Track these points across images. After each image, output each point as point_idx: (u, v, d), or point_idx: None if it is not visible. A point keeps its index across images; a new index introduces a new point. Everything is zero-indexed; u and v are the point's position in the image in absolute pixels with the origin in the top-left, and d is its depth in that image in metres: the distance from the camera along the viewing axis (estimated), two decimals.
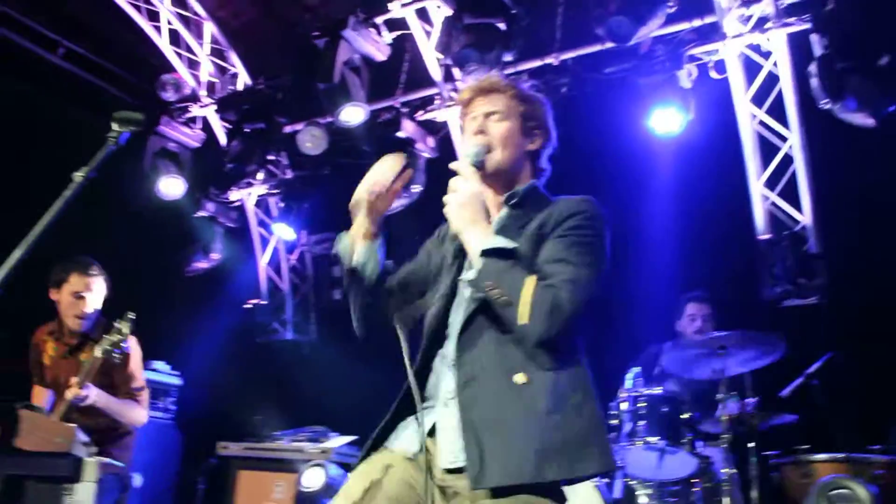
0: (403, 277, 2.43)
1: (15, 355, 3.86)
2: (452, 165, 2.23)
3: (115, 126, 2.36)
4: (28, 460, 2.30)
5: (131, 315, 4.04)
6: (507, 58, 5.89)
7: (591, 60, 6.17)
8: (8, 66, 7.28)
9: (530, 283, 2.01)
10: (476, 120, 2.33)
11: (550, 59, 6.25)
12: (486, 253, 2.06)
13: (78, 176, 2.24)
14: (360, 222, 2.31)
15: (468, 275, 2.11)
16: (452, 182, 2.17)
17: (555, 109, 6.08)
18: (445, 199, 2.16)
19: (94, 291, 4.21)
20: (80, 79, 7.79)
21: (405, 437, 2.17)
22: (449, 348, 2.18)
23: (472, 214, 2.13)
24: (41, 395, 3.93)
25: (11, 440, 2.27)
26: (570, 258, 2.11)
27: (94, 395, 3.83)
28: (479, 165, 2.26)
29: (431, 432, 2.13)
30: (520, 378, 2.04)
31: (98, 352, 3.84)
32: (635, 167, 6.17)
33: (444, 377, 2.16)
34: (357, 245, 2.31)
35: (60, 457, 2.33)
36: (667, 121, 5.62)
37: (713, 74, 5.73)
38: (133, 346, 4.30)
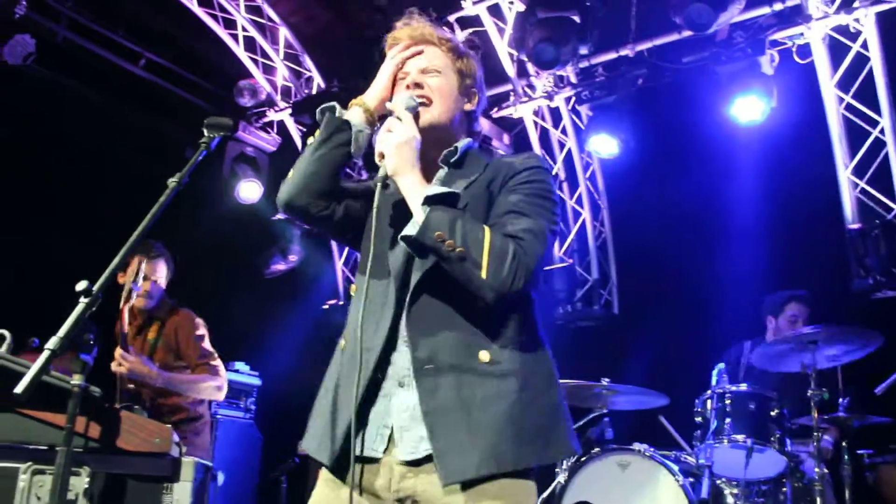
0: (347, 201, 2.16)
1: (107, 351, 3.98)
2: (388, 105, 2.05)
3: (206, 132, 2.40)
4: (129, 460, 2.35)
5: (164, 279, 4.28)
6: (583, 50, 5.83)
7: (668, 50, 6.06)
8: (93, 79, 7.53)
9: (487, 231, 1.82)
10: (411, 74, 2.13)
11: (626, 51, 6.17)
12: (432, 199, 1.83)
13: (172, 182, 2.28)
14: (377, 95, 2.14)
15: (409, 229, 1.83)
16: (388, 122, 1.96)
17: (632, 102, 6.04)
18: (378, 138, 1.94)
19: (157, 272, 4.34)
20: (161, 88, 7.99)
21: (366, 436, 1.93)
22: (399, 322, 1.93)
23: (411, 156, 1.91)
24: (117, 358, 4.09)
25: (113, 440, 2.32)
26: (526, 210, 1.92)
27: (135, 362, 3.94)
28: (415, 116, 2.03)
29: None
30: (484, 356, 1.86)
31: (121, 302, 4.03)
32: (718, 158, 6.04)
33: (397, 354, 1.94)
34: (361, 112, 2.12)
35: (160, 457, 2.37)
36: (749, 109, 5.48)
37: (797, 59, 5.57)
38: (195, 320, 4.41)
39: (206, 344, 4.41)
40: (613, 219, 7.06)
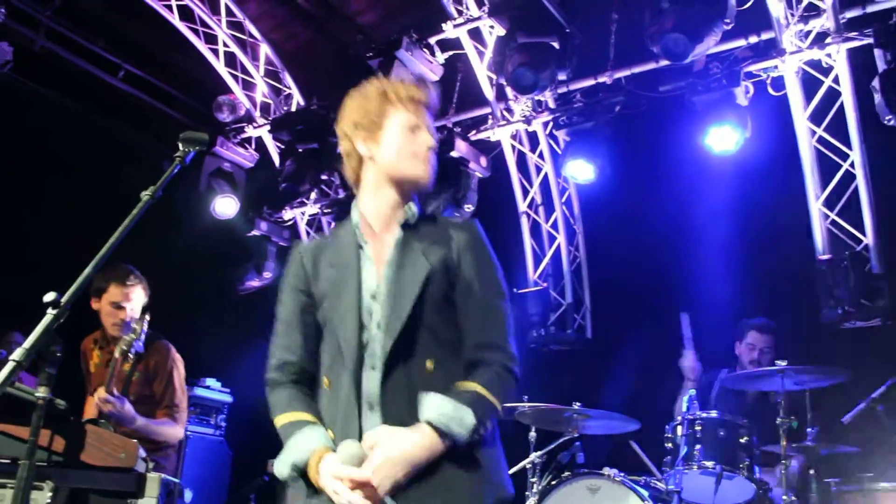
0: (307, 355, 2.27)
1: (73, 367, 3.92)
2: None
3: (181, 146, 2.39)
4: (93, 474, 2.32)
5: (146, 316, 4.05)
6: (562, 76, 5.88)
7: (646, 78, 6.15)
8: (70, 88, 7.48)
9: (490, 402, 2.05)
10: (424, 132, 2.25)
11: (604, 78, 6.24)
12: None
13: (145, 195, 2.27)
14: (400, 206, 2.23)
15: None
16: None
17: (609, 128, 6.10)
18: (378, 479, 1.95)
19: (133, 300, 4.22)
20: (140, 101, 7.96)
21: None
22: (371, 386, 2.08)
23: (411, 467, 1.98)
24: (91, 405, 4.00)
25: (77, 454, 2.29)
26: (496, 316, 2.17)
27: (117, 405, 3.81)
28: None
29: None
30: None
31: (117, 352, 3.88)
32: (692, 186, 6.10)
33: (366, 419, 2.08)
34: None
35: (124, 472, 2.34)
36: (723, 139, 5.55)
37: (771, 91, 5.67)
38: (172, 355, 4.34)
39: (180, 386, 4.32)
40: (588, 243, 7.10)
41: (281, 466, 2.09)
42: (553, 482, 4.77)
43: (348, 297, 2.14)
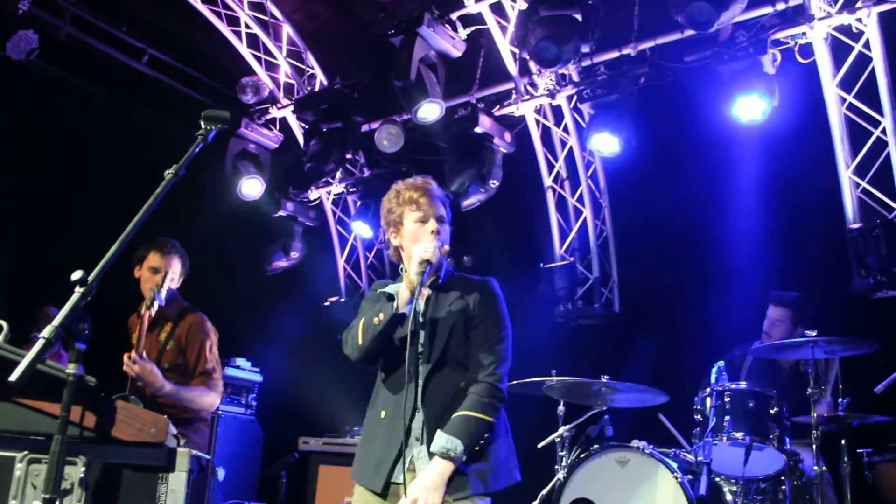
0: None
1: (109, 346, 3.98)
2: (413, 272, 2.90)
3: (203, 124, 2.41)
4: (124, 449, 2.36)
5: (178, 277, 4.33)
6: (585, 49, 5.82)
7: (671, 49, 6.05)
8: (95, 74, 7.55)
9: (482, 423, 2.80)
10: (433, 222, 2.96)
11: (628, 50, 6.16)
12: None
13: (168, 174, 2.29)
14: (416, 279, 2.85)
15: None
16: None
17: (633, 101, 6.04)
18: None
19: (170, 267, 4.33)
20: (164, 84, 8.01)
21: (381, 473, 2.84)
22: (413, 395, 2.86)
23: (436, 487, 2.73)
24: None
25: (109, 430, 2.33)
26: (501, 356, 2.92)
27: (144, 368, 3.92)
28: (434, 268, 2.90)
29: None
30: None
31: (143, 308, 4.02)
32: (719, 157, 6.04)
33: (414, 420, 2.86)
34: (405, 296, 2.89)
35: (155, 447, 2.38)
36: (750, 108, 5.47)
37: (799, 59, 5.55)
38: (206, 326, 4.40)
39: (213, 355, 4.38)
40: (615, 217, 7.05)
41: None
42: (582, 455, 4.79)
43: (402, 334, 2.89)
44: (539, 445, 4.96)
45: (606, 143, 6.12)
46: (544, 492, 4.82)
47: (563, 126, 7.04)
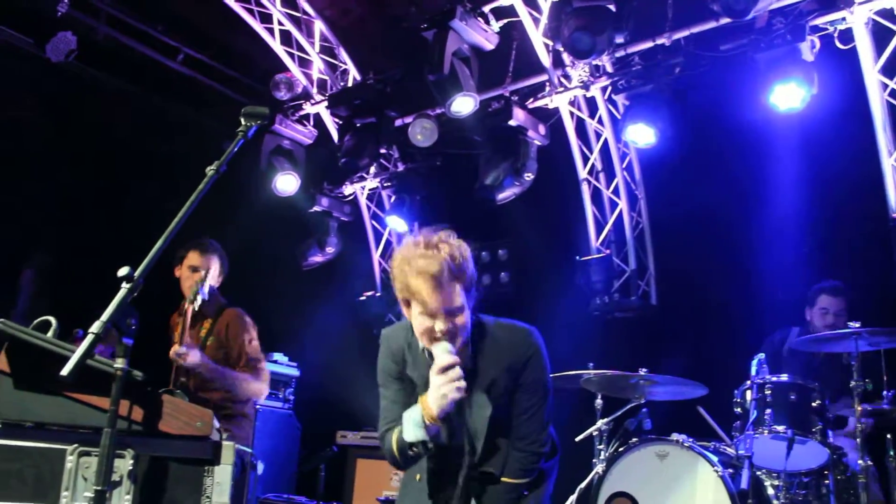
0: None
1: (150, 344, 4.05)
2: (433, 367, 2.66)
3: (243, 121, 2.43)
4: (171, 443, 2.39)
5: (218, 276, 4.41)
6: (619, 39, 5.78)
7: (706, 38, 5.98)
8: (132, 73, 7.64)
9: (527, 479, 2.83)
10: (442, 320, 2.64)
11: (663, 40, 6.11)
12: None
13: (210, 170, 2.31)
14: (437, 405, 2.63)
15: None
16: None
17: (669, 91, 5.97)
18: None
19: (210, 266, 4.39)
20: (198, 83, 8.09)
21: None
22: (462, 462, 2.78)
23: None
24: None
25: (156, 423, 2.37)
26: (543, 419, 2.87)
27: (195, 356, 4.04)
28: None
29: None
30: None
31: (186, 304, 4.11)
32: (756, 147, 5.96)
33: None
34: (430, 425, 2.68)
35: (201, 440, 2.41)
36: (789, 97, 5.39)
37: (838, 45, 5.45)
38: (245, 320, 4.46)
39: (255, 346, 4.45)
40: (651, 208, 6.99)
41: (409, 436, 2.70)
42: (621, 449, 4.77)
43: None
44: (577, 439, 4.95)
45: (642, 134, 6.07)
46: (583, 485, 4.81)
47: (597, 118, 6.99)
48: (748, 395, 4.57)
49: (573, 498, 4.87)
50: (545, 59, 6.68)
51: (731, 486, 4.30)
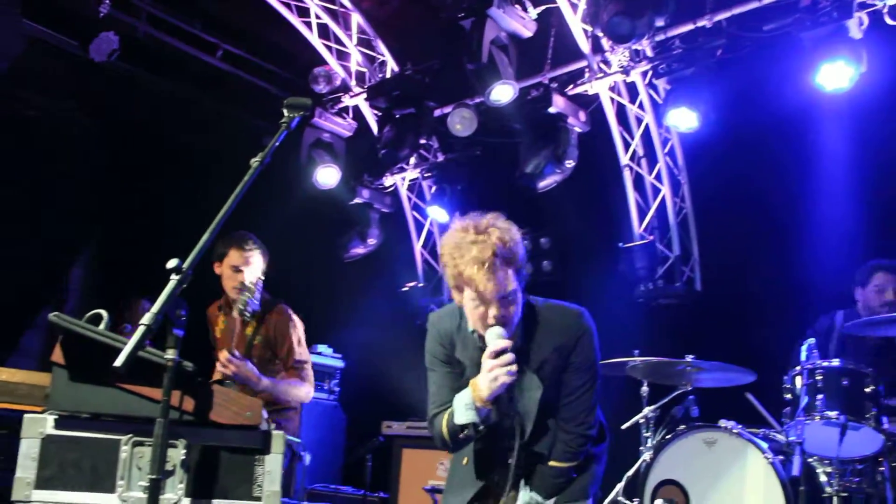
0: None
1: (200, 332, 4.09)
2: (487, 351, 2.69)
3: (286, 112, 2.44)
4: (222, 432, 2.43)
5: (261, 277, 4.27)
6: (659, 22, 5.70)
7: (748, 19, 5.87)
8: (172, 70, 7.73)
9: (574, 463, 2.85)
10: (496, 306, 2.66)
11: (704, 22, 6.00)
12: None
13: (254, 162, 2.33)
14: (488, 388, 2.66)
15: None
16: None
17: (711, 74, 5.88)
18: None
19: (252, 265, 4.37)
20: (238, 78, 8.16)
21: None
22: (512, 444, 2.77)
23: None
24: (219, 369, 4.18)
25: (207, 413, 2.40)
26: (592, 401, 2.88)
27: (239, 365, 3.99)
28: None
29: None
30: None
31: (235, 312, 4.05)
32: (802, 128, 5.84)
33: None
34: (481, 407, 2.71)
35: (251, 430, 2.44)
36: (836, 76, 5.26)
37: (888, 21, 5.30)
38: (292, 317, 4.46)
39: (302, 347, 4.44)
40: (694, 193, 6.91)
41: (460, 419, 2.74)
42: (668, 436, 4.73)
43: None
44: (623, 427, 4.92)
45: (684, 119, 5.99)
46: (630, 473, 4.78)
47: (638, 103, 6.91)
48: (798, 380, 4.49)
49: (620, 486, 4.85)
50: (584, 45, 6.61)
51: (782, 473, 4.24)
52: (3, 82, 6.16)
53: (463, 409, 2.71)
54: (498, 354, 2.63)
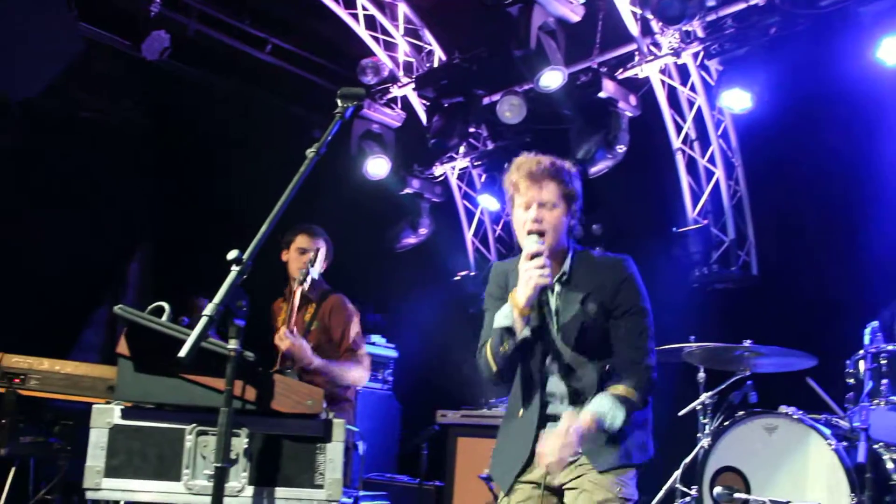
0: None
1: (259, 326, 4.15)
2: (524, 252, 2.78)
3: (340, 102, 2.45)
4: (284, 421, 2.46)
5: (320, 255, 4.41)
6: (710, 2, 5.60)
7: None
8: (223, 67, 7.83)
9: (631, 403, 2.74)
10: (532, 209, 2.82)
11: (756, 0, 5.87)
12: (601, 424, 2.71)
13: (310, 152, 2.34)
14: (530, 298, 2.74)
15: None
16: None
17: (764, 53, 5.75)
18: (544, 450, 2.69)
19: (318, 248, 4.48)
20: (287, 72, 8.22)
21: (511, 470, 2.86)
22: (554, 388, 2.87)
23: (571, 446, 2.66)
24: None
25: (268, 402, 2.43)
26: (646, 344, 2.86)
27: (297, 342, 4.09)
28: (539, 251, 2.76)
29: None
30: None
31: (294, 285, 4.17)
32: (862, 106, 5.69)
33: (553, 406, 2.87)
34: (520, 318, 2.78)
35: (312, 418, 2.47)
36: None
37: None
38: (348, 306, 4.53)
39: (356, 332, 4.52)
40: (749, 176, 6.77)
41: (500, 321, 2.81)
42: (726, 423, 4.67)
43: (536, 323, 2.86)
44: (680, 413, 4.87)
45: (738, 100, 5.88)
46: (687, 460, 4.73)
47: (689, 85, 6.80)
48: (861, 365, 4.38)
49: (678, 473, 4.80)
50: (633, 28, 6.52)
51: (846, 460, 4.15)
52: (61, 84, 6.29)
53: (501, 316, 2.80)
54: (532, 258, 2.73)
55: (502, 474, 2.91)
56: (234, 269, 2.14)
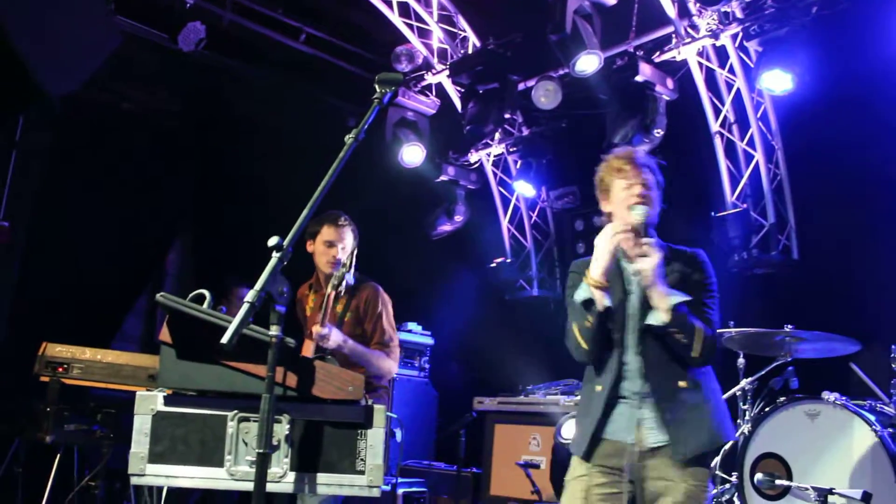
0: None
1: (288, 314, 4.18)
2: (631, 217, 2.99)
3: (378, 88, 2.45)
4: (325, 407, 2.48)
5: (355, 251, 4.31)
6: None
7: None
8: (258, 57, 7.87)
9: (699, 331, 2.89)
10: (637, 186, 3.02)
11: None
12: (676, 307, 2.87)
13: (349, 138, 2.35)
14: (605, 269, 2.94)
15: (655, 319, 2.91)
16: (647, 248, 2.92)
17: (806, 33, 5.63)
18: (640, 265, 2.91)
19: (345, 240, 4.44)
20: (322, 61, 8.24)
21: (616, 429, 2.99)
22: (630, 360, 2.99)
23: (660, 275, 2.91)
24: (308, 348, 4.27)
25: (309, 389, 2.45)
26: (711, 315, 3.02)
27: (336, 336, 4.08)
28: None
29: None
30: (682, 384, 2.97)
31: (329, 288, 4.11)
32: None
33: (629, 382, 2.99)
34: (598, 291, 2.95)
35: (353, 404, 2.48)
36: None
37: None
38: (382, 296, 4.52)
39: (390, 325, 4.50)
40: (789, 159, 6.65)
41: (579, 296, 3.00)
42: (767, 409, 4.62)
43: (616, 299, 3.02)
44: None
45: (778, 81, 5.77)
46: (727, 447, 4.68)
47: (728, 67, 6.69)
48: None
49: (717, 459, 4.76)
50: (670, 10, 6.44)
51: (891, 447, 4.10)
52: (100, 78, 6.37)
53: (581, 291, 2.99)
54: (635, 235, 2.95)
55: (578, 445, 3.06)
56: (275, 255, 2.15)
